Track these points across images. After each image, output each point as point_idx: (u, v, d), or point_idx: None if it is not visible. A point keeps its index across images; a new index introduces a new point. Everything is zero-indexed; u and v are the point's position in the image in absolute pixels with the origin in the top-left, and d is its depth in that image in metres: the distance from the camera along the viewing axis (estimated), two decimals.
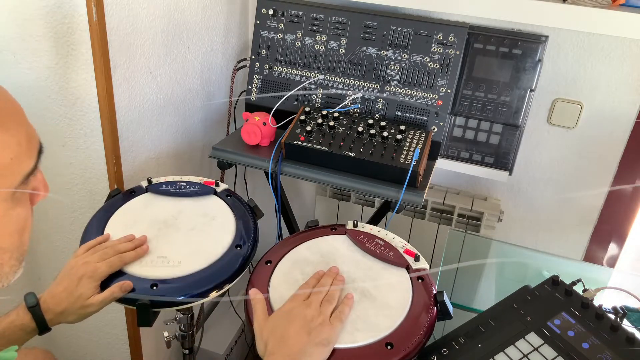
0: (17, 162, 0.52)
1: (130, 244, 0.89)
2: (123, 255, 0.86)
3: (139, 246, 0.89)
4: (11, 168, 0.51)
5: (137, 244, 0.89)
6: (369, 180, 1.18)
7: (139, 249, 0.88)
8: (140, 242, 0.90)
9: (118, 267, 0.85)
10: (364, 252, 0.95)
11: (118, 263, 0.85)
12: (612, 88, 1.33)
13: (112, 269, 0.84)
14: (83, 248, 0.88)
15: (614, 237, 1.49)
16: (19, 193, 0.54)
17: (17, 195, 0.53)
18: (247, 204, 1.07)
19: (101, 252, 0.86)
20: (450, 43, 1.25)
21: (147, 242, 0.91)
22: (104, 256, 0.85)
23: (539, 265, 1.30)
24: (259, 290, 0.82)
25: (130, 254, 0.87)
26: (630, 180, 1.40)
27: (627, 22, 1.17)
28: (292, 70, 1.38)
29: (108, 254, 0.86)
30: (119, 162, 1.16)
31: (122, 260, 0.86)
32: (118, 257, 0.85)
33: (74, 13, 1.01)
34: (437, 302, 0.84)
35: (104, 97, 1.07)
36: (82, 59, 1.05)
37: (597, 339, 0.76)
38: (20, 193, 0.54)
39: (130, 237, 0.92)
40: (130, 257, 0.87)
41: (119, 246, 0.88)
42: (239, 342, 1.73)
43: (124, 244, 0.89)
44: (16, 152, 0.51)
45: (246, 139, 1.30)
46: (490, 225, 1.50)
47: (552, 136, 1.43)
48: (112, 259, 0.85)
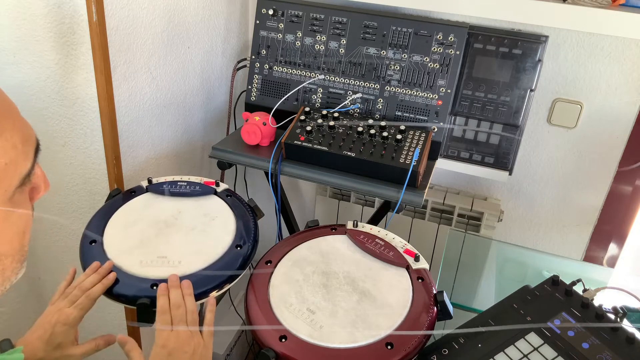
0: (13, 166, 0.50)
1: (96, 276, 0.87)
2: (90, 292, 0.84)
3: (105, 275, 0.87)
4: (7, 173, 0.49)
5: (103, 274, 0.87)
6: (369, 180, 1.18)
7: (105, 280, 0.86)
8: (105, 271, 0.88)
9: (89, 307, 0.84)
10: (364, 252, 0.95)
11: (88, 303, 0.83)
12: (612, 88, 1.33)
13: (83, 311, 0.82)
14: (57, 294, 0.86)
15: (614, 237, 1.49)
16: (18, 195, 0.52)
17: (16, 197, 0.52)
18: (247, 204, 1.07)
19: (70, 296, 0.84)
20: (450, 43, 1.25)
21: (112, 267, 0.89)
22: (73, 299, 0.83)
23: (539, 265, 1.30)
24: (125, 336, 0.79)
25: (97, 288, 0.85)
26: (630, 180, 1.40)
27: (627, 22, 1.17)
28: (292, 70, 1.38)
29: (77, 296, 0.84)
30: (119, 162, 1.16)
31: (90, 299, 0.84)
32: (85, 297, 0.83)
33: (74, 13, 1.01)
34: (437, 302, 0.84)
35: (104, 97, 1.07)
36: (82, 59, 1.05)
37: (597, 339, 0.76)
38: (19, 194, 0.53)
39: (95, 266, 0.89)
40: (98, 291, 0.85)
41: (84, 284, 0.85)
42: (239, 342, 1.73)
43: (89, 278, 0.87)
44: (11, 156, 0.49)
45: (246, 139, 1.30)
46: (490, 225, 1.50)
47: (552, 136, 1.43)
48: (80, 301, 0.83)
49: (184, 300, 0.82)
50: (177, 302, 0.80)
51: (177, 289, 0.83)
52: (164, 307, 0.80)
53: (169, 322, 0.77)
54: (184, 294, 0.83)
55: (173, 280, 0.85)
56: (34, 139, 0.54)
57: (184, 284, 0.84)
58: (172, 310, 0.79)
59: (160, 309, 0.79)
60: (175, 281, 0.84)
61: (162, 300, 0.81)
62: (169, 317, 0.78)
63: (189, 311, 0.80)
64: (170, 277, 0.85)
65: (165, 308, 0.79)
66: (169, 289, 0.83)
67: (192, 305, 0.81)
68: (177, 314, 0.79)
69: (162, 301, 0.80)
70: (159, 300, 0.81)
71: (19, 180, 0.51)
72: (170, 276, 0.85)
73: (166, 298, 0.81)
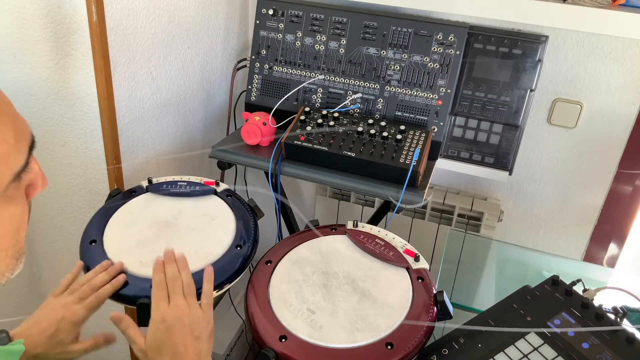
0: (4, 161, 0.49)
1: (106, 276, 0.86)
2: (100, 293, 0.83)
3: (115, 275, 0.86)
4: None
5: (112, 274, 0.86)
6: (369, 180, 1.18)
7: (114, 282, 0.85)
8: (116, 271, 0.87)
9: (97, 307, 0.83)
10: (364, 252, 0.95)
11: (97, 303, 0.82)
12: (612, 88, 1.33)
13: (91, 311, 0.81)
14: (60, 287, 0.85)
15: (614, 237, 1.49)
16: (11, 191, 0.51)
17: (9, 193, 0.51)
18: (247, 204, 1.07)
19: (79, 292, 0.82)
20: (450, 43, 1.25)
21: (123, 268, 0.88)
22: (82, 295, 0.82)
23: (539, 265, 1.30)
24: (120, 313, 0.78)
25: (107, 289, 0.84)
26: (630, 180, 1.40)
27: (627, 22, 1.17)
28: (292, 70, 1.38)
29: (85, 293, 0.83)
30: (119, 162, 1.16)
31: (99, 299, 0.83)
32: (95, 297, 0.82)
33: (74, 13, 1.01)
34: (437, 302, 0.84)
35: (104, 97, 1.07)
36: (82, 59, 1.05)
37: (597, 339, 0.76)
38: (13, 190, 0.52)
39: (107, 264, 0.88)
40: (107, 292, 0.84)
41: (94, 281, 0.84)
42: (239, 342, 1.73)
43: (100, 276, 0.85)
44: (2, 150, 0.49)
45: (246, 139, 1.30)
46: (490, 225, 1.50)
47: (552, 136, 1.43)
48: (90, 301, 0.82)
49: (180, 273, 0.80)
50: (174, 275, 0.79)
51: (173, 263, 0.81)
52: (160, 281, 0.78)
53: (166, 296, 0.75)
54: (180, 267, 0.81)
55: (168, 254, 0.83)
56: (28, 135, 0.53)
57: (179, 258, 0.83)
58: (168, 283, 0.77)
59: (157, 283, 0.77)
60: (171, 255, 0.83)
61: (158, 275, 0.79)
62: (166, 292, 0.76)
63: (186, 283, 0.78)
64: (165, 252, 0.83)
65: (162, 282, 0.78)
66: (165, 263, 0.81)
67: (188, 278, 0.79)
68: (173, 286, 0.77)
69: (158, 276, 0.78)
70: (155, 276, 0.79)
71: (11, 175, 0.51)
72: (166, 251, 0.83)
73: (162, 273, 0.79)
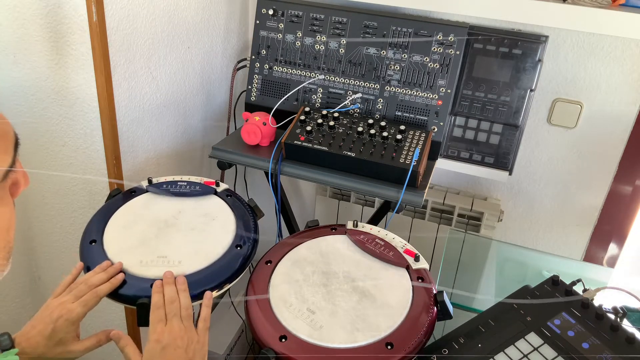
0: None
1: (104, 275, 0.86)
2: (97, 290, 0.83)
3: (114, 275, 0.87)
4: None
5: (111, 273, 0.87)
6: (369, 180, 1.18)
7: (113, 280, 0.85)
8: (115, 271, 0.87)
9: (93, 304, 0.83)
10: (364, 252, 0.95)
11: (93, 300, 0.82)
12: (612, 88, 1.33)
13: (87, 308, 0.81)
14: (60, 288, 0.85)
15: (614, 237, 1.49)
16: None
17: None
18: (247, 204, 1.07)
19: (75, 291, 0.83)
20: (450, 43, 1.25)
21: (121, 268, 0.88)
22: (79, 294, 0.82)
23: (539, 265, 1.30)
24: (120, 331, 0.79)
25: (105, 287, 0.84)
26: (630, 180, 1.40)
27: (627, 22, 1.17)
28: (292, 70, 1.38)
29: (82, 291, 0.83)
30: (119, 162, 1.16)
31: (96, 296, 0.83)
32: (92, 294, 0.82)
33: (74, 13, 1.01)
34: (437, 302, 0.84)
35: (104, 97, 1.07)
36: (82, 59, 1.05)
37: (597, 339, 0.76)
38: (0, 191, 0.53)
39: (106, 265, 0.88)
40: (105, 290, 0.84)
41: (92, 280, 0.85)
42: (239, 342, 1.73)
43: (98, 275, 0.86)
44: None
45: (246, 139, 1.30)
46: (490, 225, 1.50)
47: (552, 136, 1.43)
48: (86, 298, 0.82)
49: (178, 296, 0.82)
50: (172, 297, 0.81)
51: (172, 285, 0.83)
52: (159, 302, 0.80)
53: (163, 317, 0.77)
54: (179, 289, 0.83)
55: (168, 276, 0.85)
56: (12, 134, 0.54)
57: (178, 280, 0.85)
58: (166, 305, 0.79)
59: (155, 304, 0.79)
60: (170, 277, 0.85)
61: (157, 296, 0.81)
62: (163, 313, 0.78)
63: (183, 306, 0.80)
64: (165, 274, 0.85)
65: (160, 303, 0.80)
66: (164, 285, 0.83)
67: (186, 300, 0.81)
68: (171, 309, 0.79)
69: (157, 297, 0.81)
70: (153, 297, 0.81)
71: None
72: (165, 273, 0.86)
73: (161, 295, 0.81)
